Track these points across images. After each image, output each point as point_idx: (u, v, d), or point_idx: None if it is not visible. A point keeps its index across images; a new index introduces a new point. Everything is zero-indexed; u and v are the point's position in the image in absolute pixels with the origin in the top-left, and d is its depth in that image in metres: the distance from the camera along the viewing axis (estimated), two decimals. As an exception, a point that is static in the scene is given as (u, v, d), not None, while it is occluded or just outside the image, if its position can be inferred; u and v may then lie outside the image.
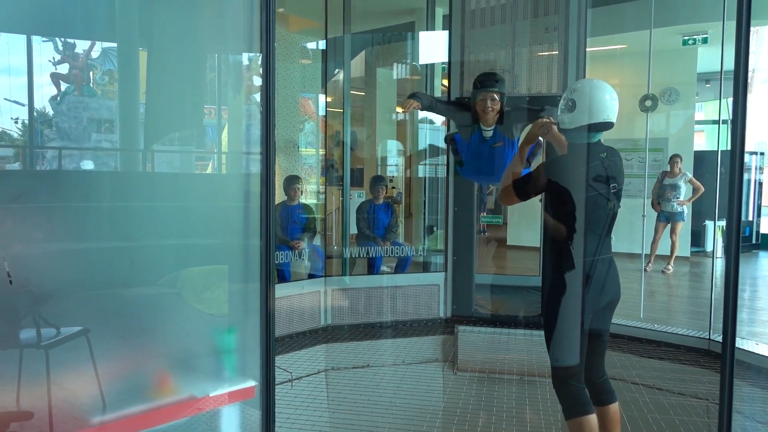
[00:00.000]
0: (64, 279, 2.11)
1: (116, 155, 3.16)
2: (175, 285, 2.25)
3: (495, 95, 3.84)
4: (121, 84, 3.35)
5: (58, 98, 4.05)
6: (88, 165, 3.08)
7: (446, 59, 6.00)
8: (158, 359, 2.15)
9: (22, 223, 1.97)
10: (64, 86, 4.10)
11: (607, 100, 2.76)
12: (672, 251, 7.59)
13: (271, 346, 1.94)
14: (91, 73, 4.24)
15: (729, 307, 1.84)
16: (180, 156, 3.04)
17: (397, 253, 6.17)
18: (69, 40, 3.98)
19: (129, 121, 3.01)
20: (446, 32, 5.97)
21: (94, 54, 4.24)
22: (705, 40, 7.70)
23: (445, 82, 7.81)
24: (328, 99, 7.17)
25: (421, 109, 4.19)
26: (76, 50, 4.13)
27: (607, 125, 2.78)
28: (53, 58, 3.93)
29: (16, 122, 3.32)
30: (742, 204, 1.92)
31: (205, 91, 3.24)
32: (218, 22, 2.60)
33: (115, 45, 3.53)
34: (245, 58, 3.02)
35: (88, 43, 4.15)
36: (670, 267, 7.57)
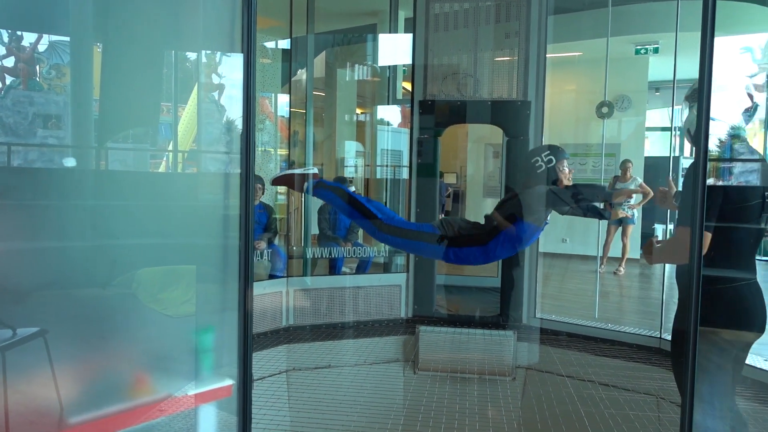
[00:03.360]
0: (25, 279, 2.05)
1: (67, 152, 3.07)
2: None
3: None
4: (73, 79, 3.26)
5: (2, 92, 3.93)
6: (39, 161, 3.00)
7: (407, 62, 6.05)
8: (134, 359, 2.11)
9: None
10: (9, 80, 3.98)
11: None
12: (623, 253, 7.83)
13: (249, 344, 1.93)
14: (37, 67, 4.11)
15: (692, 309, 1.93)
16: (134, 154, 2.98)
17: (358, 254, 6.18)
18: (16, 33, 3.86)
19: (81, 117, 2.94)
20: (408, 35, 6.03)
21: (41, 47, 4.13)
22: (656, 50, 8.00)
23: (406, 84, 7.88)
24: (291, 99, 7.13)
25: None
26: (23, 43, 4.00)
27: None
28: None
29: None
30: (704, 209, 2.01)
31: (162, 89, 3.19)
32: (193, 21, 2.57)
33: (62, 38, 3.45)
34: (209, 56, 2.99)
35: (35, 35, 4.03)
36: (621, 269, 7.81)
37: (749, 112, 3.06)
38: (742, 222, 2.45)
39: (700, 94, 1.90)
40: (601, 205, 3.40)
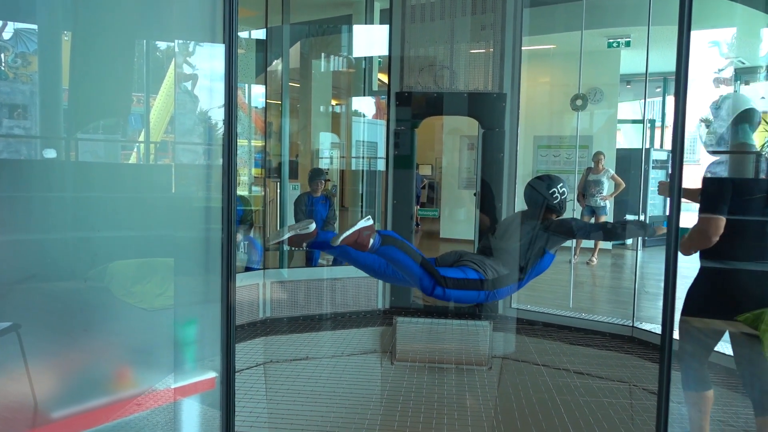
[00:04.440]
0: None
1: (35, 142, 3.01)
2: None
3: None
4: (41, 68, 3.19)
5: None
6: (6, 152, 2.93)
7: (382, 53, 6.03)
8: (111, 353, 2.09)
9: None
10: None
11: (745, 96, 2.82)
12: (595, 244, 7.96)
13: (232, 337, 1.92)
14: (2, 56, 4.02)
15: (668, 298, 1.97)
16: (110, 145, 2.93)
17: (335, 246, 6.15)
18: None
19: (50, 107, 2.88)
20: (384, 26, 6.02)
21: (6, 35, 4.03)
22: (628, 44, 8.12)
23: (382, 76, 7.87)
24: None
25: None
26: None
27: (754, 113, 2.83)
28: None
29: None
30: (681, 200, 2.07)
31: (133, 78, 3.14)
32: (170, 10, 2.53)
33: (28, 26, 3.38)
34: (187, 46, 2.95)
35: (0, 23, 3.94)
36: (594, 259, 7.94)
37: (716, 104, 3.18)
38: (749, 214, 2.70)
39: (677, 88, 1.94)
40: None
